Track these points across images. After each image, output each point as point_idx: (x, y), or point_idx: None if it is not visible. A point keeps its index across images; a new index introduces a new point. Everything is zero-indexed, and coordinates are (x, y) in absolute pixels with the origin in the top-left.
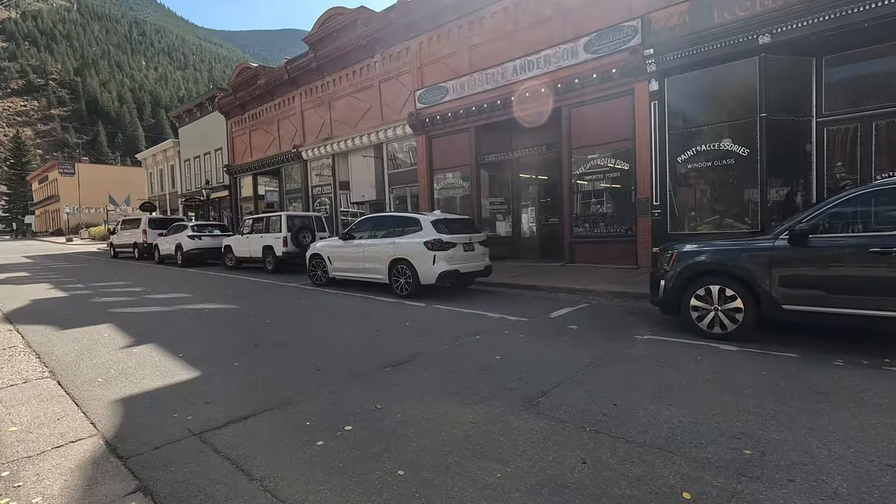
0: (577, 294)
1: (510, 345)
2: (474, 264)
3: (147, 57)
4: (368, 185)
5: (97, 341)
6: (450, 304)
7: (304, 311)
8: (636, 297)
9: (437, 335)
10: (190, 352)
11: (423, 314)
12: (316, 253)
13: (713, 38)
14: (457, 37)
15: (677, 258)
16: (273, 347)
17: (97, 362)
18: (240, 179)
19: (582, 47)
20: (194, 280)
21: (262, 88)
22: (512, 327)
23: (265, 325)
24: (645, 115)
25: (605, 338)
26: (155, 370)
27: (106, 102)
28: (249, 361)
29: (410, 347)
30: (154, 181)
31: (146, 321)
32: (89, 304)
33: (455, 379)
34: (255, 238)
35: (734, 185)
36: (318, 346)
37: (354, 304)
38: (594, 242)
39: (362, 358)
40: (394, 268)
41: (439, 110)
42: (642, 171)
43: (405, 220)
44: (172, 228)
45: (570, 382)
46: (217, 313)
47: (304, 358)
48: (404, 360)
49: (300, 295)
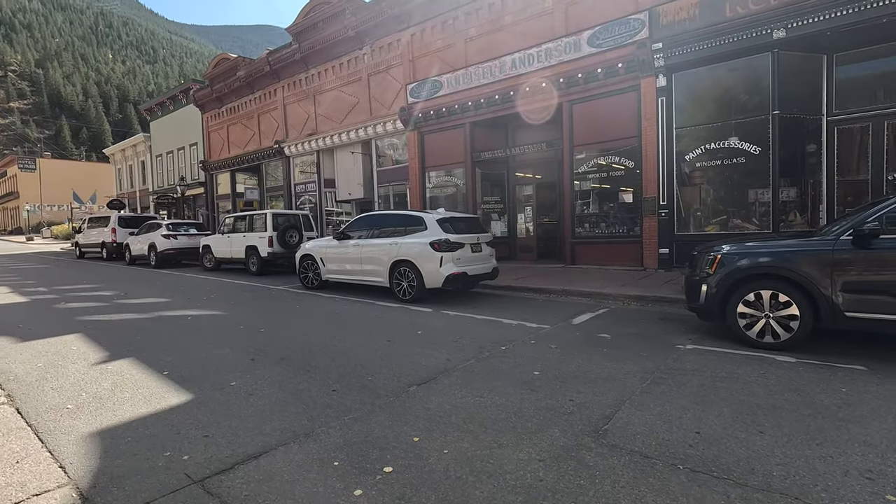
0: (590, 298)
1: (544, 358)
2: (482, 266)
3: (114, 50)
4: (356, 182)
5: (65, 356)
6: (458, 309)
7: (300, 318)
8: (656, 301)
9: (457, 346)
10: (176, 368)
11: (434, 321)
12: (307, 254)
13: (725, 32)
14: (452, 29)
15: (722, 261)
16: (273, 362)
17: (65, 383)
18: (216, 176)
19: (585, 41)
20: (171, 283)
21: (242, 81)
22: (537, 336)
23: (259, 335)
24: (652, 112)
25: (645, 348)
26: (136, 393)
27: (70, 96)
28: (249, 380)
29: (431, 361)
30: (123, 177)
31: (121, 331)
32: (54, 310)
33: (496, 401)
34: (238, 238)
35: (744, 184)
36: (324, 359)
37: (354, 310)
38: (597, 243)
39: (380, 375)
40: (395, 270)
41: (433, 105)
42: (648, 170)
43: (408, 218)
44: (145, 227)
45: (632, 404)
46: (202, 321)
47: (312, 375)
48: (429, 378)
49: (292, 299)
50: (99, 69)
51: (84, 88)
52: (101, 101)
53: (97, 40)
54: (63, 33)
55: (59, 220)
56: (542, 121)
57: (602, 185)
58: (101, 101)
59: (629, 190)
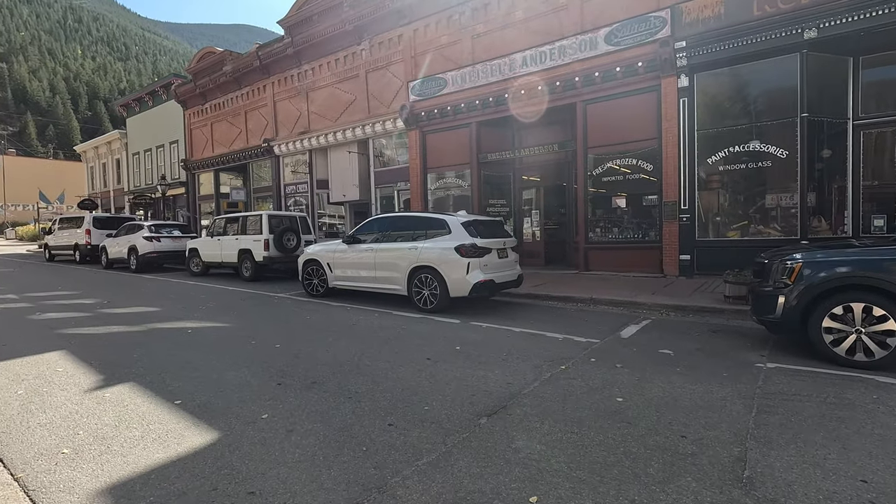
0: (622, 307)
1: (616, 380)
2: (508, 273)
3: (84, 45)
4: (351, 183)
5: (50, 380)
6: (488, 320)
7: (316, 331)
8: (697, 311)
9: (509, 365)
10: (190, 396)
11: (468, 335)
12: (312, 259)
13: (752, 31)
14: (458, 24)
15: (803, 270)
16: (304, 387)
17: (55, 417)
18: (198, 176)
19: (602, 38)
20: (158, 289)
21: (229, 76)
22: (592, 353)
23: (276, 352)
24: (673, 113)
25: (721, 367)
26: (148, 430)
27: (36, 91)
28: (282, 411)
29: (489, 384)
30: (96, 176)
31: (113, 347)
32: (29, 322)
33: (594, 438)
34: (230, 240)
35: (768, 188)
36: (363, 383)
37: (373, 322)
38: (612, 249)
39: (437, 402)
40: (415, 277)
41: (436, 103)
42: (669, 173)
43: (428, 221)
44: (124, 228)
45: (757, 441)
46: (205, 335)
47: (357, 404)
48: (497, 406)
49: (299, 309)
50: (67, 65)
51: (51, 84)
52: (70, 97)
53: (66, 35)
54: (29, 27)
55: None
56: (553, 121)
57: (618, 189)
58: (70, 97)
59: (648, 194)
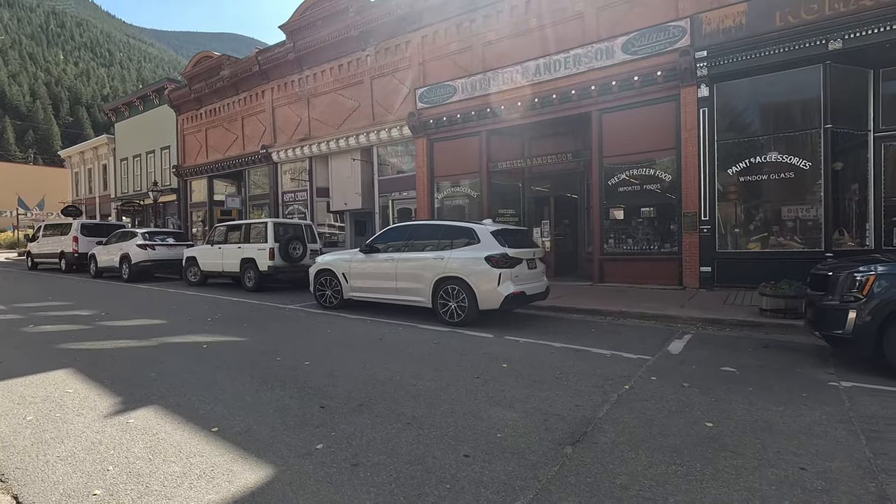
0: (656, 321)
1: (692, 401)
2: (537, 285)
3: (66, 51)
4: (353, 192)
5: (62, 404)
6: (523, 334)
7: (344, 347)
8: (736, 325)
9: (569, 385)
10: (226, 420)
11: (508, 351)
12: (325, 268)
13: (774, 42)
14: (469, 31)
15: (878, 283)
16: (351, 410)
17: (77, 448)
18: (190, 182)
19: (619, 47)
20: (157, 300)
21: (226, 81)
22: (650, 370)
23: (307, 370)
24: (693, 123)
25: (794, 386)
26: (189, 464)
27: (15, 96)
28: (337, 440)
29: (557, 407)
30: (81, 182)
31: (125, 364)
32: (24, 336)
33: (701, 469)
34: (231, 249)
35: (790, 199)
36: (416, 406)
37: (400, 336)
38: (628, 260)
39: (509, 429)
40: (440, 288)
41: (445, 111)
42: (689, 184)
43: (454, 229)
44: (116, 236)
45: (890, 475)
46: (222, 350)
47: (419, 431)
48: (578, 433)
49: (314, 321)
50: (49, 70)
51: (32, 89)
52: (51, 102)
53: (48, 40)
54: (10, 31)
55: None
56: (566, 130)
57: (635, 199)
58: (51, 102)
59: (666, 204)
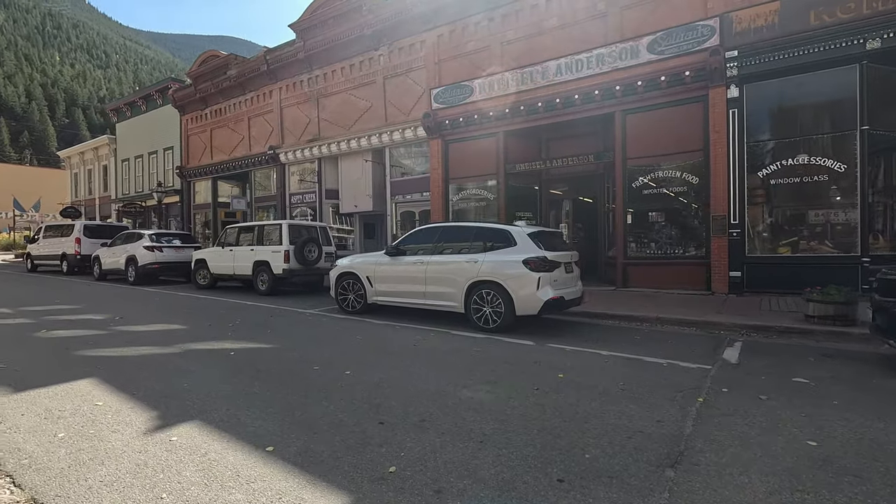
0: (697, 327)
1: (779, 416)
2: (574, 290)
3: (62, 52)
4: (364, 194)
5: (93, 419)
6: (565, 341)
7: (379, 354)
8: (782, 332)
9: (637, 397)
10: (279, 438)
11: (557, 359)
12: (348, 272)
13: (808, 41)
14: (486, 30)
15: None
16: (413, 426)
17: (120, 471)
18: (194, 184)
19: (644, 47)
20: (168, 303)
21: (233, 80)
22: (717, 381)
23: (350, 380)
24: (722, 124)
25: (881, 401)
26: (251, 490)
27: (11, 97)
28: (410, 461)
29: (637, 423)
30: (80, 183)
31: (152, 373)
32: (38, 341)
33: (831, 498)
34: (243, 251)
35: (823, 202)
36: (483, 421)
37: (435, 343)
38: (653, 265)
39: (596, 449)
40: (474, 293)
41: (461, 112)
42: (717, 186)
43: (488, 231)
44: (121, 237)
45: None
46: (252, 358)
47: (497, 451)
48: (673, 454)
49: (340, 327)
50: (45, 71)
51: (27, 90)
52: (47, 104)
53: (44, 41)
54: (6, 32)
55: None
56: (587, 132)
57: (660, 201)
58: (47, 104)
59: (692, 207)
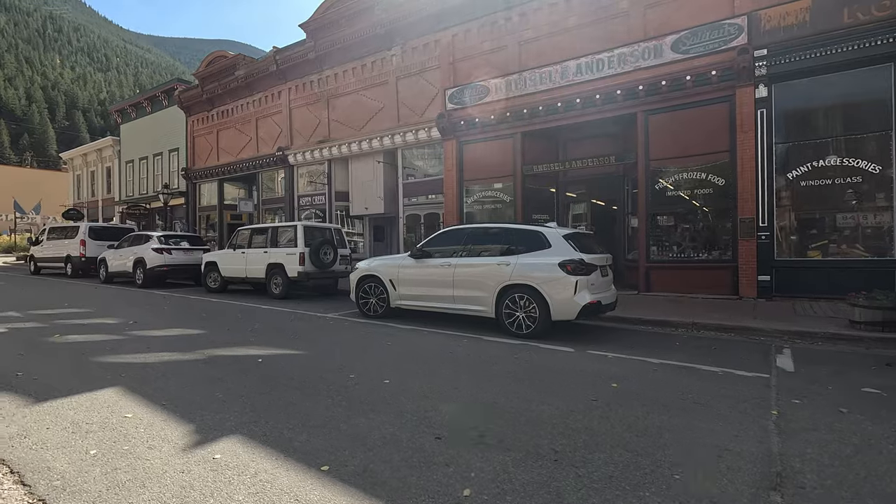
0: (735, 332)
1: (871, 432)
2: (609, 294)
3: (63, 55)
4: (375, 196)
5: (124, 433)
6: (605, 348)
7: (414, 362)
8: (829, 338)
9: (703, 409)
10: (333, 456)
11: (603, 367)
12: (370, 275)
13: (841, 39)
14: (503, 30)
15: None
16: (473, 442)
17: (165, 495)
18: (199, 185)
19: (668, 46)
20: (181, 307)
21: (240, 81)
22: (783, 392)
23: (393, 390)
24: (750, 125)
25: None
26: None
27: (11, 99)
28: (482, 483)
29: (719, 439)
30: (83, 185)
31: (180, 382)
32: (53, 347)
33: None
34: (256, 254)
35: (858, 205)
36: (547, 436)
37: (470, 349)
38: (677, 268)
39: (684, 469)
40: (506, 297)
41: (477, 112)
42: (745, 188)
43: (520, 233)
44: (128, 240)
45: None
46: (281, 365)
47: (575, 470)
48: (769, 474)
49: (367, 332)
50: (46, 74)
51: (28, 93)
52: (47, 106)
53: (44, 44)
54: (6, 34)
55: None
56: (606, 132)
57: (684, 203)
58: (47, 106)
59: (719, 210)
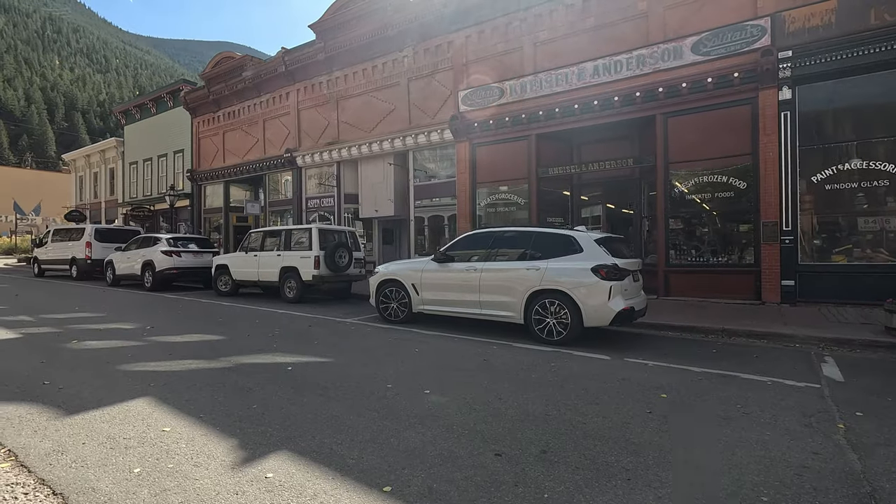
0: (768, 339)
1: None
2: (640, 300)
3: (62, 56)
4: (385, 198)
5: (166, 449)
6: (642, 355)
7: (450, 371)
8: (867, 346)
9: (765, 421)
10: (393, 475)
11: (645, 376)
12: (391, 279)
13: (867, 41)
14: (518, 31)
15: None
16: (536, 458)
17: None
18: (205, 187)
19: (689, 48)
20: (196, 311)
21: (248, 82)
22: (839, 403)
23: (433, 402)
24: (773, 127)
25: None
26: None
27: (10, 100)
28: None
29: (789, 453)
30: (85, 186)
31: (211, 392)
32: (73, 354)
33: None
34: (269, 257)
35: (884, 209)
36: (616, 453)
37: (503, 357)
38: (697, 272)
39: (769, 489)
40: (535, 302)
41: (491, 114)
42: (768, 192)
43: (549, 237)
44: (136, 241)
45: None
46: (313, 374)
47: (652, 492)
48: (858, 494)
49: (393, 338)
50: (45, 75)
51: (27, 94)
52: (46, 107)
53: (43, 45)
54: (6, 35)
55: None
56: (623, 135)
57: (704, 207)
58: (46, 107)
59: (740, 213)
